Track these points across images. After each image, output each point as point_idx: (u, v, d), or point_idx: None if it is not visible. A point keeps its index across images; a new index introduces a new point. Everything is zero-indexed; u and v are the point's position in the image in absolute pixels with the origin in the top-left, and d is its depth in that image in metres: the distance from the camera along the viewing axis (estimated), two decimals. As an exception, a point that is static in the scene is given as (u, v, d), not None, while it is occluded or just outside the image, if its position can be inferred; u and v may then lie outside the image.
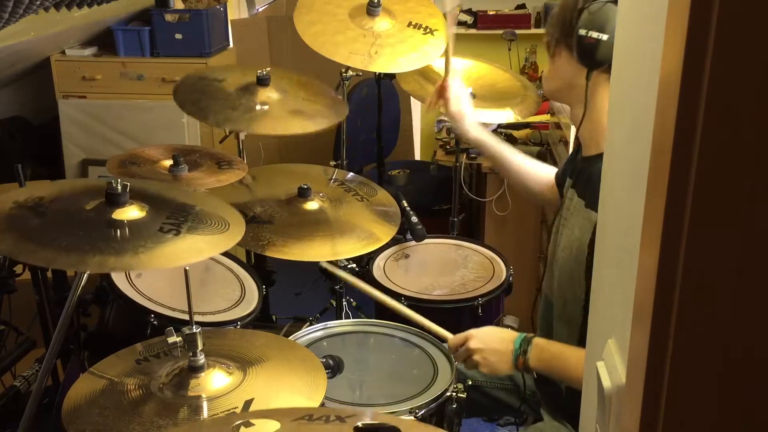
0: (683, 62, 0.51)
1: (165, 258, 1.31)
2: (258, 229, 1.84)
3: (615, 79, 0.86)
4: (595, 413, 0.83)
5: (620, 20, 0.85)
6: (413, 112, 3.99)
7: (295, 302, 2.87)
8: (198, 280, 1.92)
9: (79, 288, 1.45)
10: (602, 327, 0.87)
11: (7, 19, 1.85)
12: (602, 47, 1.36)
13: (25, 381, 1.96)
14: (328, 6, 2.22)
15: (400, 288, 2.01)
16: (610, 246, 0.84)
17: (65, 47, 3.20)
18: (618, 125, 0.83)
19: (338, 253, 1.90)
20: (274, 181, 2.11)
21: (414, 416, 1.45)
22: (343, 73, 2.37)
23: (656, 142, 0.60)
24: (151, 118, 3.15)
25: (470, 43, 4.14)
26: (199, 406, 1.23)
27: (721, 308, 0.55)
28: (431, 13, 2.27)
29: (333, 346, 1.70)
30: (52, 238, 1.28)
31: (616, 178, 0.83)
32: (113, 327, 1.80)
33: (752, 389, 0.58)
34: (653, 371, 0.58)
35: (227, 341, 1.44)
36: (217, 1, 3.37)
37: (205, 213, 1.49)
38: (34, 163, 3.24)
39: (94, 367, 1.36)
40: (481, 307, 1.95)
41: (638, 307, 0.64)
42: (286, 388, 1.30)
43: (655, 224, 0.57)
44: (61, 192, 1.47)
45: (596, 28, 1.36)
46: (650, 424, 0.60)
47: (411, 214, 2.14)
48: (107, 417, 1.21)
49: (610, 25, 1.34)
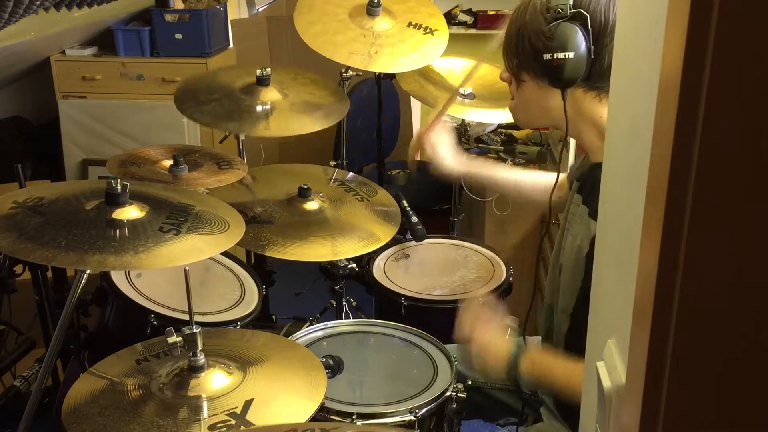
0: (683, 62, 0.51)
1: (165, 258, 1.32)
2: (258, 229, 1.84)
3: (615, 79, 0.86)
4: (595, 413, 0.83)
5: (620, 21, 0.85)
6: (413, 112, 3.98)
7: (295, 302, 2.87)
8: (198, 280, 1.92)
9: (79, 288, 1.45)
10: (602, 327, 0.87)
11: (7, 19, 1.85)
12: (570, 65, 1.36)
13: (25, 381, 1.96)
14: (328, 6, 2.23)
15: (400, 288, 2.01)
16: (610, 246, 0.84)
17: (65, 47, 3.20)
18: (617, 125, 0.83)
19: (338, 253, 1.90)
20: (274, 181, 2.11)
21: (414, 416, 1.45)
22: (343, 73, 2.38)
23: (656, 142, 0.60)
24: (151, 118, 3.15)
25: (470, 43, 4.14)
26: (199, 406, 1.23)
27: (721, 308, 0.55)
28: (431, 13, 2.27)
29: (333, 346, 1.70)
30: (51, 237, 1.29)
31: (616, 178, 0.83)
32: (113, 327, 1.80)
33: (752, 389, 0.58)
34: (653, 371, 0.58)
35: (227, 341, 1.44)
36: (217, 1, 3.37)
37: (205, 213, 1.50)
38: (34, 163, 3.24)
39: (94, 367, 1.36)
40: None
41: (638, 307, 0.64)
42: (286, 388, 1.30)
43: (655, 224, 0.57)
44: (61, 192, 1.47)
45: (560, 48, 1.36)
46: (650, 424, 0.60)
47: (411, 214, 2.14)
48: (107, 417, 1.21)
49: (572, 42, 1.35)
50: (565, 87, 1.41)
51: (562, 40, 1.36)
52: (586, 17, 1.35)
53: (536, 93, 1.48)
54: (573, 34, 1.35)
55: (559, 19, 1.37)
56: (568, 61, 1.36)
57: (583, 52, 1.36)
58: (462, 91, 2.23)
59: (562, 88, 1.42)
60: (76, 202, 1.43)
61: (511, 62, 1.50)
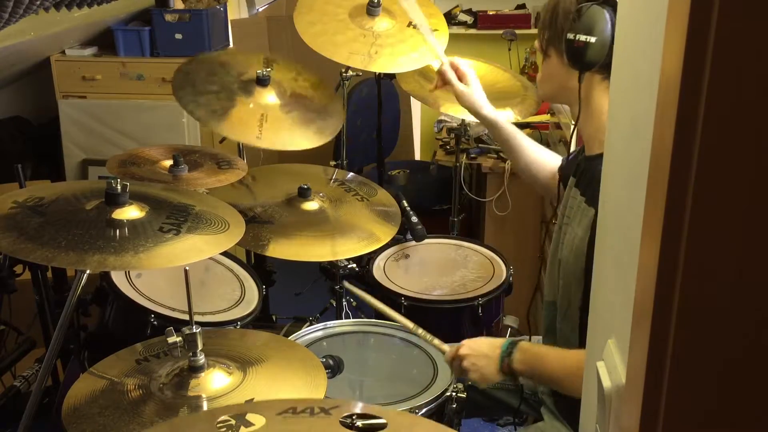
0: (683, 62, 0.51)
1: (165, 258, 1.32)
2: (258, 229, 1.84)
3: (615, 79, 0.86)
4: (595, 413, 0.83)
5: (620, 21, 0.85)
6: (413, 112, 3.98)
7: (295, 302, 2.87)
8: (198, 280, 1.92)
9: (79, 288, 1.45)
10: (602, 327, 0.87)
11: (7, 19, 1.84)
12: (591, 50, 1.37)
13: (25, 381, 1.96)
14: (328, 6, 2.22)
15: (400, 288, 2.01)
16: (610, 246, 0.84)
17: (65, 47, 3.19)
18: (618, 125, 0.83)
19: (338, 253, 1.90)
20: (274, 181, 2.11)
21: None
22: (343, 73, 2.37)
23: (656, 142, 0.60)
24: (151, 118, 3.15)
25: (470, 43, 4.14)
26: (199, 406, 1.23)
27: (721, 308, 0.55)
28: (431, 13, 2.27)
29: (333, 346, 1.70)
30: (51, 237, 1.29)
31: (616, 177, 0.83)
32: (113, 327, 1.80)
33: (752, 389, 0.58)
34: (653, 371, 0.58)
35: (227, 341, 1.44)
36: (217, 1, 3.37)
37: (205, 213, 1.50)
38: (34, 163, 3.24)
39: (94, 367, 1.36)
40: (481, 307, 1.95)
41: (638, 307, 0.64)
42: (286, 388, 1.30)
43: (655, 224, 0.57)
44: (61, 192, 1.47)
45: (584, 31, 1.37)
46: (650, 424, 0.60)
47: (411, 214, 2.14)
48: (107, 417, 1.21)
49: (598, 27, 1.35)
50: (583, 70, 1.42)
51: (589, 23, 1.36)
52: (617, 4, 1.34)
53: (558, 69, 1.49)
54: (600, 18, 1.35)
55: (591, 1, 1.37)
56: (590, 46, 1.36)
57: (608, 37, 1.35)
58: None
59: (580, 70, 1.42)
60: (76, 202, 1.43)
61: (543, 35, 1.52)
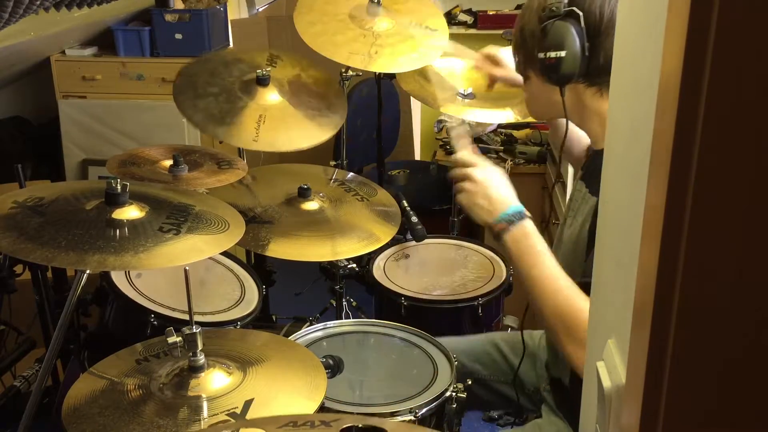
0: (683, 62, 0.51)
1: (165, 258, 1.32)
2: (258, 229, 1.84)
3: (615, 80, 0.86)
4: (595, 413, 0.83)
5: (620, 21, 0.85)
6: (413, 112, 3.98)
7: (295, 302, 2.87)
8: (198, 280, 1.92)
9: (79, 288, 1.45)
10: (602, 327, 0.87)
11: (7, 19, 1.84)
12: (564, 63, 1.38)
13: (25, 381, 1.96)
14: (328, 6, 2.22)
15: (400, 288, 2.01)
16: (610, 246, 0.84)
17: (65, 47, 3.19)
18: (618, 125, 0.83)
19: (338, 253, 1.90)
20: (274, 181, 2.11)
21: (414, 416, 1.45)
22: (343, 73, 2.37)
23: (656, 142, 0.60)
24: (151, 118, 3.15)
25: (470, 43, 4.10)
26: (199, 406, 1.23)
27: (721, 308, 0.55)
28: (431, 13, 2.27)
29: (333, 346, 1.70)
30: (51, 237, 1.29)
31: (616, 177, 0.83)
32: (113, 327, 1.80)
33: (752, 389, 0.58)
34: (653, 371, 0.58)
35: (227, 341, 1.44)
36: (217, 1, 3.37)
37: (205, 213, 1.50)
38: (34, 163, 3.24)
39: (94, 367, 1.36)
40: (481, 307, 1.95)
41: (638, 307, 0.64)
42: (286, 388, 1.30)
43: (655, 224, 0.57)
44: (61, 192, 1.48)
45: (553, 48, 1.38)
46: (650, 424, 0.60)
47: (411, 214, 2.14)
48: (107, 417, 1.21)
49: (566, 41, 1.37)
50: (561, 84, 1.43)
51: (555, 39, 1.38)
52: (579, 15, 1.36)
53: (540, 88, 1.50)
54: (565, 32, 1.37)
55: (553, 18, 1.39)
56: (562, 59, 1.38)
57: (577, 50, 1.37)
58: (462, 91, 2.23)
59: (558, 85, 1.44)
60: (76, 202, 1.43)
61: (517, 59, 1.55)
